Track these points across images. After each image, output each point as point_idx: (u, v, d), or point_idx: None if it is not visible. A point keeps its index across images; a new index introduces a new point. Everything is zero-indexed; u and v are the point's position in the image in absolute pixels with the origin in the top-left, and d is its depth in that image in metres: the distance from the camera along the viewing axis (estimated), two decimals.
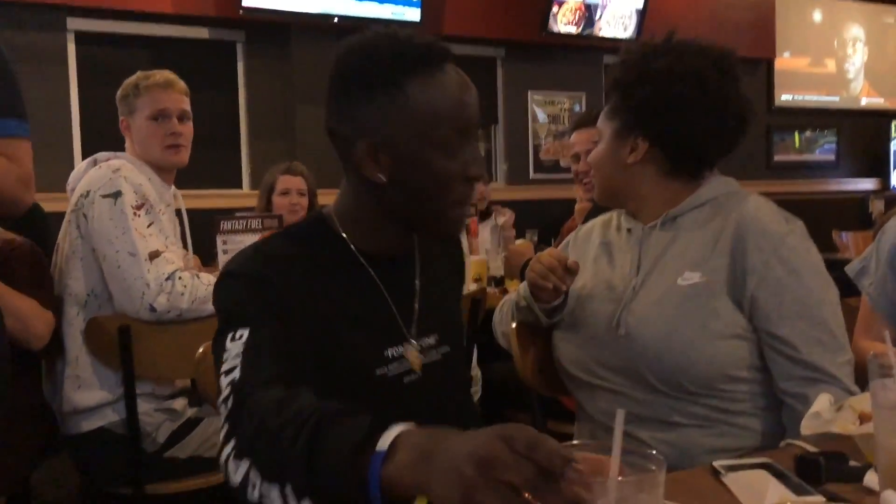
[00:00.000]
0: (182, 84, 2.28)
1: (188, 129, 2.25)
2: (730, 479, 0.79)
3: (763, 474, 0.82)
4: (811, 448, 1.18)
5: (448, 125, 1.06)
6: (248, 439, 0.87)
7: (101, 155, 2.19)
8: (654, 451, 0.67)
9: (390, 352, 1.13)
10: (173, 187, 2.28)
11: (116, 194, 1.97)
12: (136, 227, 1.95)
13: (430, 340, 1.19)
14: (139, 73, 2.27)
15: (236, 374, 0.96)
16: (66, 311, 2.04)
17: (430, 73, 1.06)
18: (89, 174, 2.08)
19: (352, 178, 1.14)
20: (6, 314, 1.83)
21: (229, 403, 0.94)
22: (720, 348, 1.36)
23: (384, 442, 0.74)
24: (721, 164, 1.53)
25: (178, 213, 2.31)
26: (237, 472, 0.85)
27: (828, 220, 6.15)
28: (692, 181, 1.48)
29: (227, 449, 0.88)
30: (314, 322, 1.06)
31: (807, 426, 1.21)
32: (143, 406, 1.96)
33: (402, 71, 1.05)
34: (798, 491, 1.01)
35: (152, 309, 1.90)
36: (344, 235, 1.14)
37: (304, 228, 1.18)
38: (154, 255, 1.94)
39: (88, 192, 2.02)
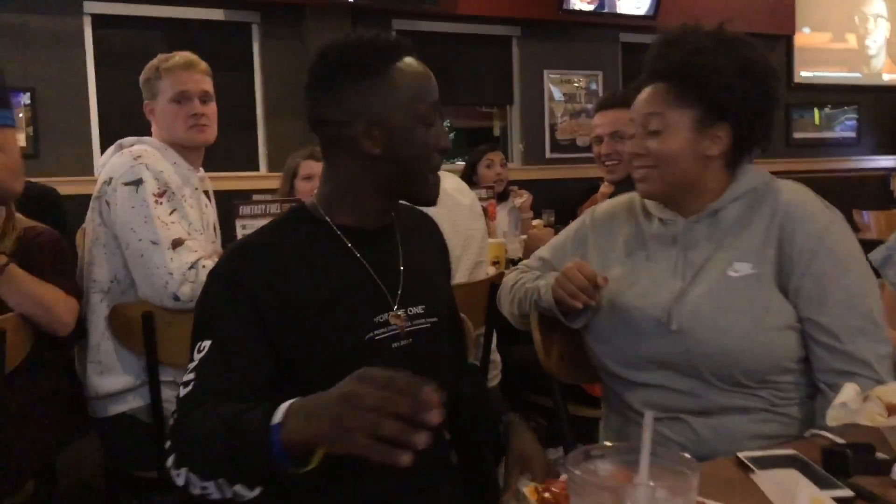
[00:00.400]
0: (203, 64, 2.25)
1: (211, 108, 2.23)
2: (760, 478, 0.79)
3: (793, 473, 0.81)
4: (837, 439, 1.18)
5: (425, 101, 1.22)
6: (183, 452, 1.03)
7: (126, 140, 2.18)
8: (687, 455, 0.67)
9: (377, 318, 1.22)
10: (201, 170, 2.26)
11: (138, 182, 1.97)
12: (157, 216, 1.95)
13: (417, 310, 1.27)
14: (160, 56, 2.25)
15: (188, 390, 1.10)
16: (90, 298, 2.05)
17: (404, 61, 1.23)
18: (112, 161, 2.08)
19: (341, 160, 1.26)
20: (30, 302, 1.85)
21: (172, 419, 1.09)
22: (774, 339, 1.36)
23: (276, 417, 0.91)
24: None
25: (207, 195, 2.30)
26: (179, 477, 1.02)
27: (848, 198, 6.08)
28: (731, 171, 1.47)
29: (170, 461, 1.04)
30: (298, 302, 1.17)
31: (833, 417, 1.20)
32: (166, 393, 1.98)
33: (386, 59, 1.21)
34: (825, 484, 1.01)
35: (176, 298, 1.91)
36: (327, 219, 1.26)
37: (287, 217, 1.29)
38: (177, 244, 1.93)
39: (111, 180, 2.02)
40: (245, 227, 2.58)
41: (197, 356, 1.13)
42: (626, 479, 0.68)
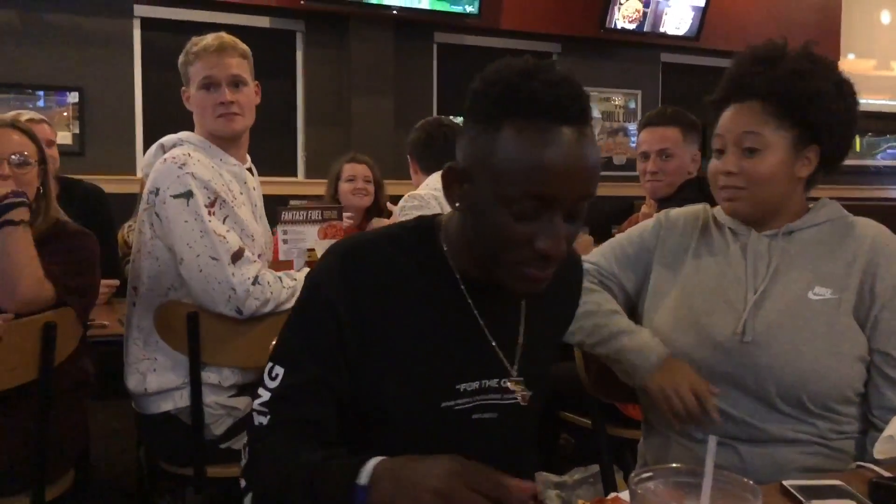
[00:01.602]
0: (239, 46, 2.09)
1: (242, 95, 2.07)
2: None
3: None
4: (884, 472, 1.17)
5: (523, 188, 0.95)
6: (259, 494, 1.02)
7: (167, 140, 2.12)
8: (749, 481, 0.67)
9: (463, 387, 1.09)
10: (248, 160, 2.18)
11: (188, 195, 1.92)
12: (214, 230, 1.91)
13: (517, 379, 1.13)
14: (193, 38, 2.11)
15: (262, 420, 1.05)
16: (150, 301, 2.03)
17: (536, 127, 0.94)
18: (157, 168, 2.01)
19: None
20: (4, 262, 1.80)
21: (246, 454, 1.06)
22: (846, 366, 1.35)
23: (362, 477, 0.89)
24: None
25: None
26: None
27: (890, 227, 5.99)
28: (806, 193, 1.48)
29: (246, 501, 1.04)
30: (391, 342, 1.06)
31: (880, 450, 1.19)
32: (209, 397, 1.99)
33: (508, 111, 0.96)
34: None
35: (239, 311, 1.91)
36: (445, 249, 1.10)
37: (410, 232, 1.13)
38: (237, 257, 1.91)
39: (158, 190, 1.96)
40: (286, 233, 2.61)
41: (270, 383, 1.05)
42: (684, 497, 0.69)
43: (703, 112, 1.60)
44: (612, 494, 0.94)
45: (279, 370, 1.05)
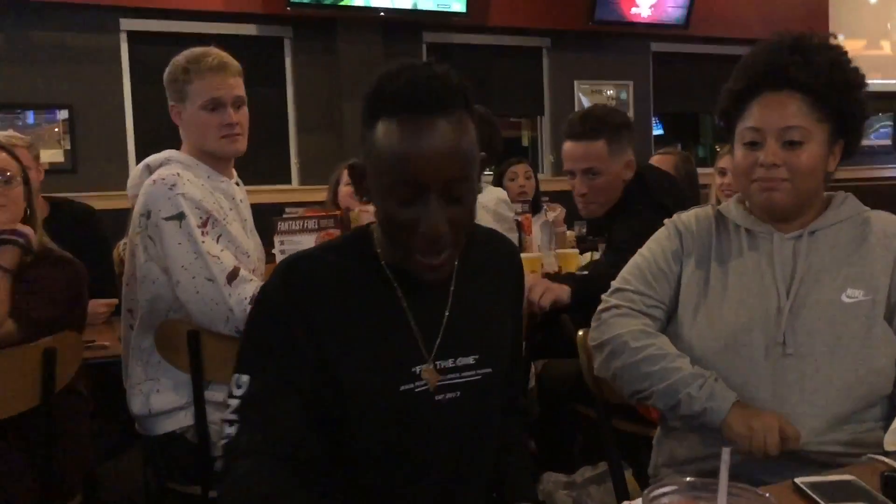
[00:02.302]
0: (235, 65, 2.08)
1: (244, 115, 2.09)
2: None
3: None
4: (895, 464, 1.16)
5: (393, 176, 1.05)
6: None
7: (153, 160, 2.08)
8: (767, 494, 0.66)
9: (419, 368, 1.14)
10: (235, 174, 2.18)
11: (180, 216, 1.90)
12: (208, 251, 1.90)
13: (468, 360, 1.18)
14: (188, 54, 2.06)
15: (231, 433, 1.09)
16: (150, 321, 2.01)
17: (400, 121, 1.04)
18: (146, 190, 1.97)
19: None
20: None
21: (220, 465, 1.09)
22: (883, 368, 1.33)
23: None
24: None
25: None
26: None
27: (883, 207, 5.98)
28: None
29: None
30: (333, 346, 1.12)
31: (891, 442, 1.18)
32: (214, 415, 1.98)
33: (378, 110, 1.06)
34: None
35: (238, 331, 1.88)
36: (378, 249, 1.17)
37: (345, 242, 1.23)
38: (232, 277, 1.90)
39: (150, 213, 1.93)
40: (283, 243, 2.60)
41: (237, 391, 1.10)
42: None
43: (696, 100, 1.57)
44: (626, 503, 0.93)
45: (244, 378, 1.11)
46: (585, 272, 1.89)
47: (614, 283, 1.53)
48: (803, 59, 1.37)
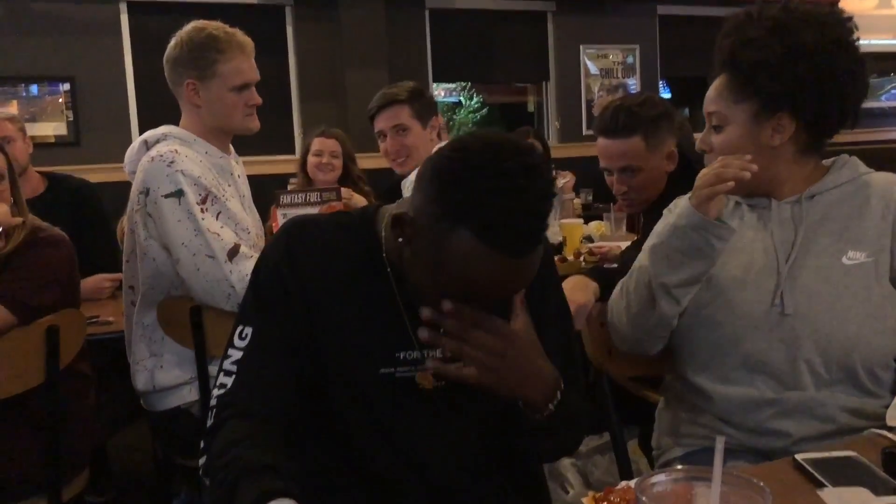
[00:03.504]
0: (252, 44, 2.10)
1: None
2: (828, 495, 0.78)
3: (864, 492, 0.80)
4: None
5: (457, 289, 0.98)
6: (206, 466, 1.07)
7: (150, 135, 2.07)
8: (760, 483, 0.66)
9: (403, 354, 1.14)
10: (232, 150, 2.18)
11: (178, 193, 1.90)
12: (207, 228, 1.89)
13: None
14: (209, 30, 2.03)
15: (228, 383, 1.10)
16: (150, 296, 2.02)
17: (490, 253, 0.94)
18: (144, 167, 1.97)
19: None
20: None
21: (211, 418, 1.10)
22: (890, 329, 1.34)
23: None
24: None
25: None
26: (206, 482, 1.05)
27: (893, 170, 5.93)
28: (819, 156, 1.44)
29: (201, 460, 1.08)
30: (322, 315, 1.13)
31: (893, 417, 1.18)
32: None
33: (462, 219, 0.94)
34: (885, 488, 0.99)
35: None
36: (382, 237, 1.15)
37: (352, 220, 1.21)
38: (233, 253, 1.90)
39: (148, 191, 1.93)
40: (286, 216, 2.59)
41: (239, 343, 1.12)
42: (692, 499, 0.67)
43: (704, 63, 1.53)
44: (623, 483, 0.93)
45: (248, 329, 1.12)
46: (615, 265, 1.78)
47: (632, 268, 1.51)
48: (723, 41, 1.38)
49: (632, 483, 0.93)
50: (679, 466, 0.71)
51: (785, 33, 1.36)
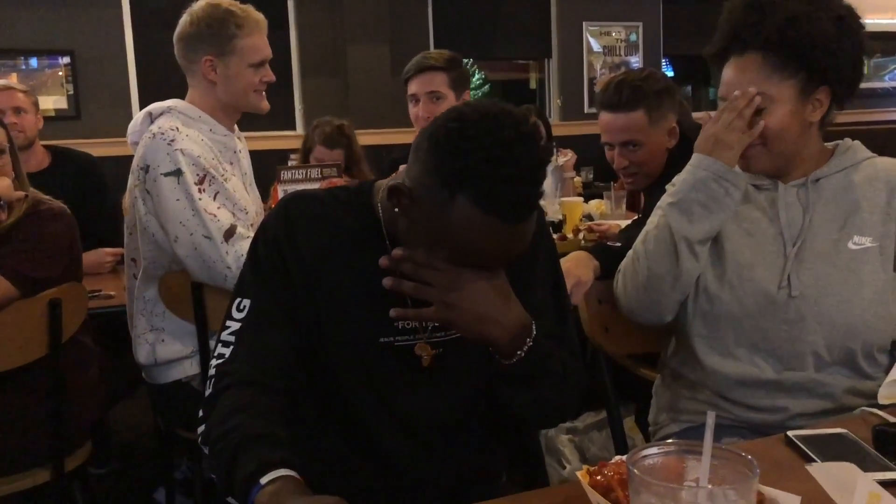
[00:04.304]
0: (265, 21, 2.14)
1: None
2: (817, 470, 0.79)
3: (852, 467, 0.81)
4: (890, 418, 1.17)
5: (460, 255, 1.01)
6: (204, 435, 1.06)
7: (155, 108, 2.08)
8: (748, 456, 0.67)
9: (402, 323, 1.15)
10: (237, 129, 2.19)
11: (177, 173, 1.90)
12: (204, 208, 1.90)
13: None
14: (225, 8, 2.04)
15: (226, 354, 1.11)
16: (152, 271, 2.03)
17: (489, 220, 0.97)
18: (145, 144, 1.96)
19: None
20: None
21: (210, 387, 1.10)
22: (891, 315, 1.36)
23: (265, 478, 0.92)
24: None
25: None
26: (205, 450, 1.05)
27: None
28: (822, 133, 1.45)
29: (200, 430, 1.08)
30: (321, 286, 1.14)
31: (885, 395, 1.20)
32: None
33: (465, 188, 0.96)
34: (874, 464, 1.00)
35: None
36: (380, 211, 1.17)
37: (349, 194, 1.22)
38: (229, 234, 1.91)
39: (147, 168, 1.94)
40: (286, 192, 2.60)
41: (237, 315, 1.13)
42: (683, 472, 0.69)
43: (707, 42, 1.51)
44: (616, 458, 0.94)
45: (246, 301, 1.14)
46: (619, 244, 1.77)
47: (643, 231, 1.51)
48: (759, 17, 1.35)
49: (625, 457, 0.95)
50: (671, 441, 0.72)
51: (824, 7, 1.36)
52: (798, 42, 1.33)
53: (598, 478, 0.90)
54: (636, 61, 6.30)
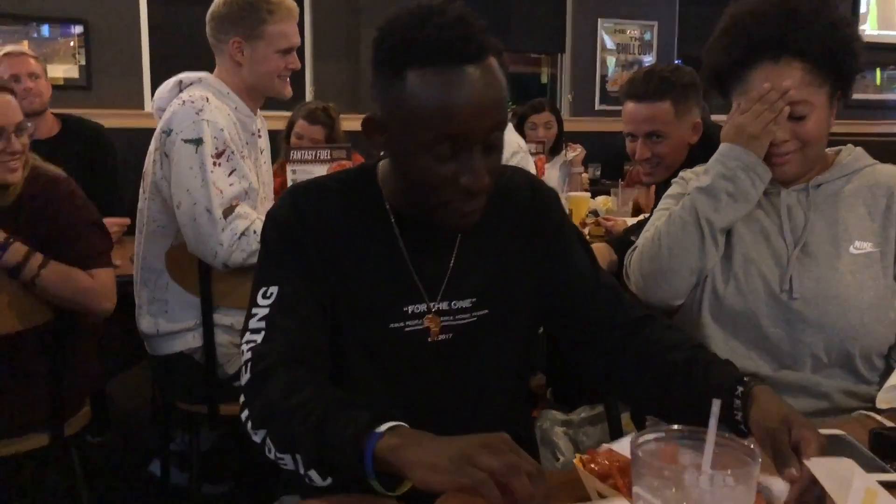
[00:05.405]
0: (297, 8, 2.16)
1: None
2: (814, 465, 0.80)
3: (849, 463, 0.82)
4: (887, 422, 1.18)
5: (436, 131, 0.99)
6: (260, 415, 0.99)
7: (186, 77, 2.11)
8: (751, 444, 0.68)
9: (411, 308, 1.14)
10: (259, 112, 2.21)
11: (198, 141, 1.92)
12: (213, 181, 1.91)
13: (464, 304, 1.16)
14: None
15: (258, 339, 1.06)
16: (156, 239, 2.06)
17: (438, 71, 0.97)
18: (173, 109, 1.99)
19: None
20: (68, 299, 1.83)
21: (247, 371, 1.05)
22: (891, 320, 1.36)
23: (382, 427, 0.87)
24: None
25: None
26: (256, 436, 0.99)
27: None
28: None
29: (244, 415, 1.02)
30: (333, 272, 1.12)
31: (884, 399, 1.20)
32: (222, 337, 2.02)
33: (407, 60, 0.98)
34: (871, 466, 1.01)
35: (225, 266, 1.92)
36: (382, 190, 1.16)
37: (351, 177, 1.20)
38: (228, 212, 1.92)
39: (170, 131, 1.96)
40: (295, 172, 2.61)
41: (264, 301, 1.09)
42: (685, 458, 0.70)
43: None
44: (605, 446, 0.95)
45: (273, 288, 1.10)
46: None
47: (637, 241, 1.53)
48: (801, 24, 1.34)
49: (613, 445, 0.96)
50: (675, 426, 0.73)
51: (844, 18, 1.38)
52: (839, 47, 1.34)
53: (593, 465, 0.91)
54: (649, 60, 6.28)
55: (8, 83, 1.89)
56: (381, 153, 1.10)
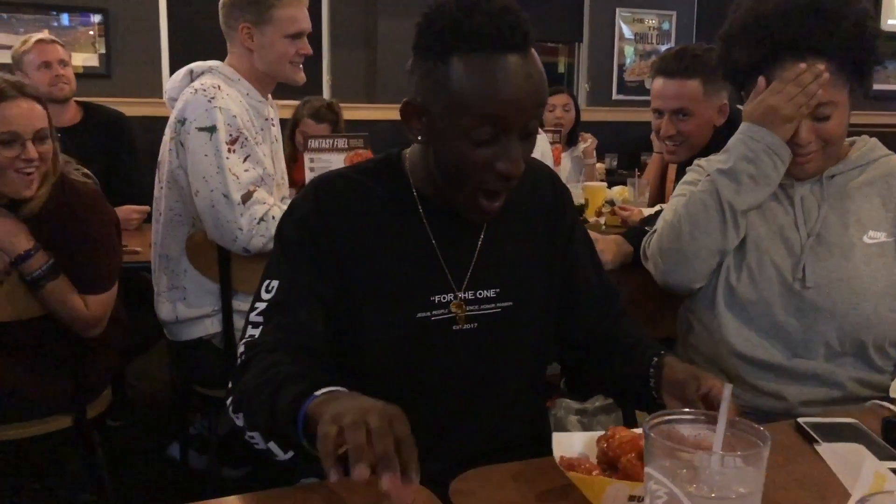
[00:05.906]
0: None
1: None
2: (825, 450, 0.81)
3: (859, 448, 0.83)
4: None
5: (478, 116, 1.02)
6: (239, 398, 1.03)
7: (196, 66, 2.13)
8: (760, 427, 0.69)
9: (436, 298, 1.15)
10: (270, 98, 2.22)
11: (212, 129, 1.94)
12: (229, 168, 1.93)
13: (489, 293, 1.18)
14: None
15: (255, 334, 1.09)
16: (175, 227, 2.09)
17: (481, 58, 1.01)
18: (186, 98, 2.01)
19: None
20: (59, 313, 1.84)
21: (239, 362, 1.08)
22: None
23: (319, 392, 0.89)
24: None
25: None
26: (237, 420, 1.03)
27: None
28: None
29: (229, 401, 1.05)
30: (356, 265, 1.13)
31: None
32: (240, 323, 2.03)
33: (451, 46, 1.02)
34: (883, 454, 1.02)
35: (246, 251, 1.95)
36: (410, 177, 1.17)
37: (376, 166, 1.21)
38: (247, 198, 1.94)
39: (185, 121, 1.98)
40: (312, 161, 2.63)
41: (266, 296, 1.11)
42: (699, 444, 0.71)
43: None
44: (611, 429, 0.96)
45: (274, 283, 1.12)
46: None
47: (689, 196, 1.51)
48: (826, 23, 1.33)
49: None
50: (687, 409, 0.74)
51: (867, 13, 1.38)
52: (864, 46, 1.35)
53: (604, 445, 0.93)
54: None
55: (37, 90, 1.86)
56: (419, 138, 1.11)
